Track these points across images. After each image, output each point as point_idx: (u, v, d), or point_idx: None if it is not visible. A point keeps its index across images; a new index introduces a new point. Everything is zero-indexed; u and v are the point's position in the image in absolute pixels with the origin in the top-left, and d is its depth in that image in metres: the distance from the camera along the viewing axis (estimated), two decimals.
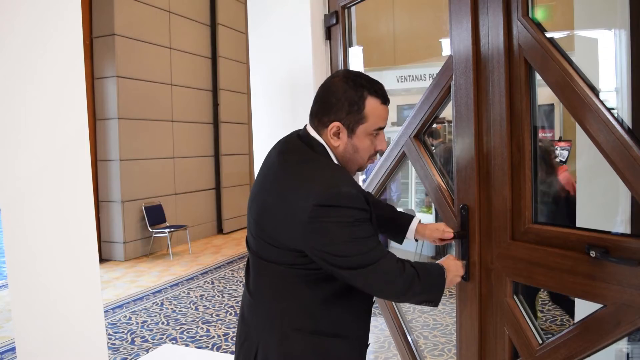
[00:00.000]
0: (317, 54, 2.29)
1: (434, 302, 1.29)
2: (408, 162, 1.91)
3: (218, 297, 5.32)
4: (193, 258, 7.25)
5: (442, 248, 5.87)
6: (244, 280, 1.44)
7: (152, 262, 7.05)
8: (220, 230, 9.27)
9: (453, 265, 1.37)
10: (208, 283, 5.89)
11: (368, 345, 1.41)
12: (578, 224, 1.98)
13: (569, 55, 1.31)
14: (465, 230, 1.56)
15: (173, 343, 4.03)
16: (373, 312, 1.47)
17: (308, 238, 1.19)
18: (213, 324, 4.45)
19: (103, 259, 6.98)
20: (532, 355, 1.40)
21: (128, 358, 3.75)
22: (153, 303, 5.13)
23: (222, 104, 9.13)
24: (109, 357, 3.70)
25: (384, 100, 1.29)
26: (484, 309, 1.55)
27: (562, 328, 1.38)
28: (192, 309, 4.91)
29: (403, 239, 1.61)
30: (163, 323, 4.52)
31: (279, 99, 2.41)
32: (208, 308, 4.94)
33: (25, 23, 1.87)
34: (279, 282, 1.29)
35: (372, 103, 1.26)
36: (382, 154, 2.02)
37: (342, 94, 1.26)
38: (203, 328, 4.36)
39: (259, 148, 2.50)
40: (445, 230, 1.56)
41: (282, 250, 1.24)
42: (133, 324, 4.51)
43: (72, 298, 2.02)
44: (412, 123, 1.85)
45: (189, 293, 5.49)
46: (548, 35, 1.33)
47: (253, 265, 1.36)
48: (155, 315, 4.74)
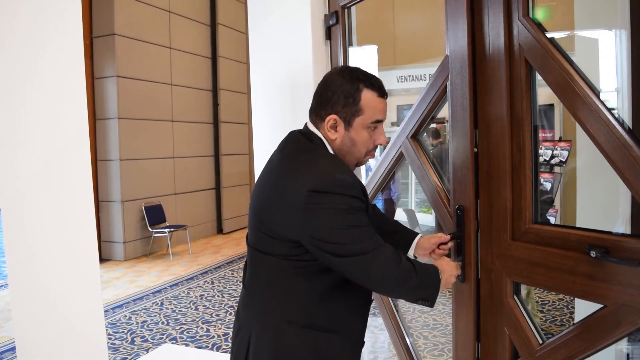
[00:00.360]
0: (317, 54, 2.29)
1: (430, 301, 1.28)
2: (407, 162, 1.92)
3: (218, 297, 5.32)
4: (193, 258, 7.25)
5: None
6: (242, 277, 1.44)
7: (152, 262, 7.05)
8: (220, 230, 9.27)
9: (447, 265, 1.36)
10: (208, 283, 5.89)
11: (363, 344, 1.39)
12: (578, 224, 1.98)
13: (570, 56, 1.31)
14: (461, 231, 1.56)
15: (173, 343, 4.04)
16: (372, 311, 1.47)
17: (302, 225, 1.19)
18: (213, 324, 4.45)
19: (103, 259, 6.98)
20: (532, 355, 1.40)
21: (128, 358, 3.75)
22: (153, 303, 5.13)
23: (222, 104, 9.13)
24: (109, 357, 3.70)
25: (381, 93, 1.29)
26: (484, 309, 1.55)
27: (562, 328, 1.38)
28: (192, 309, 4.91)
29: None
30: (163, 323, 4.52)
31: (279, 99, 2.41)
32: (208, 308, 4.94)
33: (26, 23, 1.87)
34: (274, 274, 1.30)
35: (368, 95, 1.27)
36: (383, 149, 2.03)
37: (338, 87, 1.27)
38: (203, 328, 4.36)
39: (259, 148, 2.50)
40: (442, 236, 1.53)
41: (278, 241, 1.25)
42: (133, 324, 4.51)
43: (72, 298, 2.02)
44: (409, 123, 1.85)
45: (189, 293, 5.49)
46: (548, 36, 1.33)
47: (250, 259, 1.37)
48: (155, 315, 4.74)
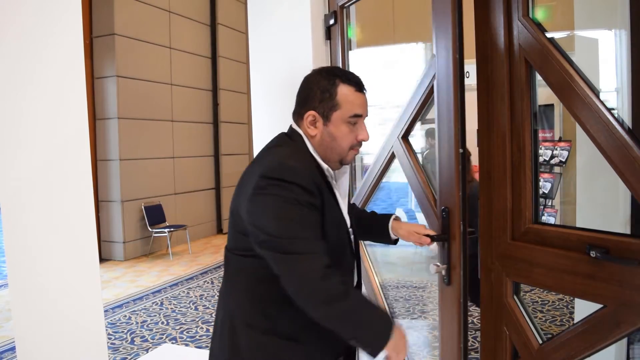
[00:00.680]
0: (317, 54, 2.29)
1: (367, 346, 1.14)
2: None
3: (217, 296, 5.32)
4: (193, 258, 7.25)
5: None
6: None
7: (151, 261, 7.04)
8: (220, 230, 9.27)
9: (399, 340, 1.17)
10: (208, 283, 5.89)
11: (340, 357, 1.33)
12: (578, 224, 1.98)
13: (569, 56, 1.31)
14: (446, 234, 1.53)
15: (173, 343, 4.04)
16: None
17: (247, 211, 1.19)
18: (212, 324, 4.45)
19: (102, 259, 6.98)
20: (532, 355, 1.40)
21: (128, 358, 3.75)
22: (153, 303, 5.13)
23: (222, 104, 9.13)
24: (109, 356, 3.70)
25: (358, 88, 1.29)
26: (484, 309, 1.55)
27: (562, 328, 1.38)
28: (191, 309, 4.91)
29: (392, 240, 1.58)
30: (163, 323, 4.52)
31: (279, 99, 2.41)
32: (208, 308, 4.94)
33: (26, 23, 1.87)
34: (237, 275, 1.31)
35: (344, 90, 1.27)
36: (377, 146, 2.01)
37: (315, 84, 1.29)
38: (203, 328, 4.36)
39: (259, 148, 2.48)
40: (423, 235, 1.51)
41: (239, 235, 1.25)
42: (133, 324, 4.51)
43: (72, 298, 2.02)
44: (400, 123, 1.85)
45: (189, 293, 5.49)
46: (548, 36, 1.33)
47: (224, 261, 1.39)
48: (155, 315, 4.74)
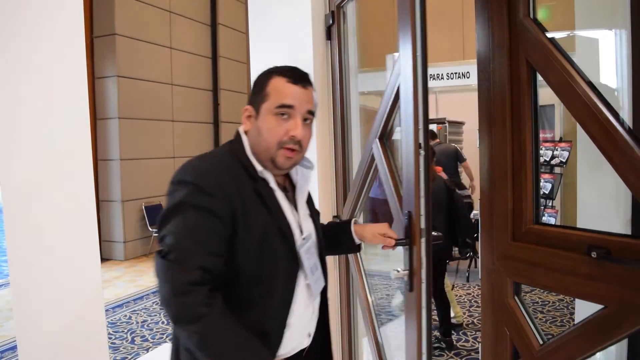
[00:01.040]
0: (317, 54, 2.29)
1: None
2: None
3: None
4: None
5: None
6: None
7: (152, 261, 7.02)
8: None
9: None
10: None
11: None
12: (579, 225, 1.98)
13: (570, 56, 1.31)
14: (408, 238, 1.47)
15: None
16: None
17: None
18: None
19: (103, 258, 6.98)
20: (533, 356, 1.40)
21: (128, 357, 3.75)
22: (153, 302, 5.13)
23: (222, 104, 9.13)
24: (109, 356, 3.70)
25: (293, 80, 1.21)
26: (485, 309, 1.55)
27: (562, 329, 1.38)
28: None
29: (356, 246, 1.53)
30: (163, 322, 4.52)
31: None
32: None
33: (28, 23, 1.87)
34: None
35: (276, 81, 1.21)
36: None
37: (254, 82, 1.26)
38: None
39: None
40: (387, 238, 1.45)
41: None
42: (133, 324, 4.51)
43: (73, 297, 2.02)
44: (377, 124, 1.83)
45: None
46: (549, 36, 1.33)
47: None
48: (155, 315, 4.74)
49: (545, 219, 3.81)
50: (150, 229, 7.30)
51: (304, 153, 1.26)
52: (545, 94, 1.43)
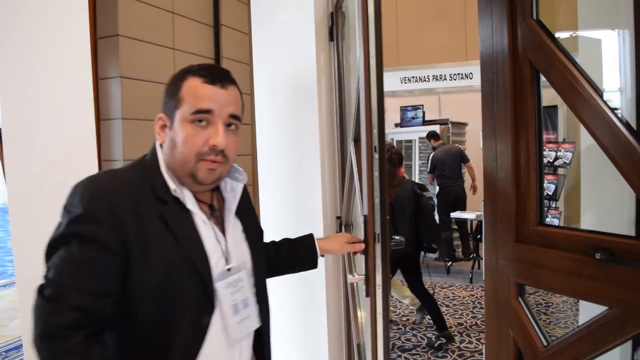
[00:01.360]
0: (320, 55, 2.29)
1: None
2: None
3: None
4: None
5: (445, 248, 5.86)
6: None
7: None
8: None
9: None
10: None
11: None
12: (582, 226, 1.97)
13: (573, 57, 1.31)
14: (365, 243, 1.43)
15: None
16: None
17: None
18: None
19: None
20: (536, 358, 1.40)
21: None
22: None
23: None
24: None
25: (210, 80, 1.02)
26: (489, 311, 1.55)
27: (566, 330, 1.38)
28: None
29: (315, 263, 1.42)
30: None
31: (283, 100, 2.41)
32: None
33: (33, 25, 1.88)
34: None
35: (190, 82, 1.02)
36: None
37: (167, 84, 1.08)
38: None
39: (262, 149, 2.50)
40: (356, 244, 1.41)
41: None
42: None
43: None
44: (351, 126, 1.84)
45: None
46: (552, 37, 1.33)
47: None
48: None
49: (549, 220, 3.81)
50: None
51: (231, 164, 1.08)
52: (549, 95, 1.43)
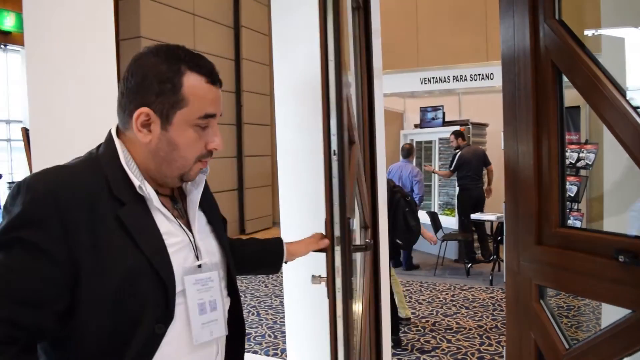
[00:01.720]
0: None
1: None
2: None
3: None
4: None
5: (465, 250, 5.81)
6: None
7: None
8: (243, 231, 9.35)
9: None
10: None
11: None
12: (605, 228, 1.94)
13: (596, 56, 1.29)
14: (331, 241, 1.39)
15: None
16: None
17: None
18: None
19: None
20: None
21: None
22: None
23: (245, 106, 9.22)
24: None
25: (212, 79, 0.96)
26: (509, 313, 1.54)
27: (588, 334, 1.36)
28: None
29: (279, 268, 1.39)
30: None
31: (302, 101, 2.43)
32: None
33: (61, 28, 1.92)
34: None
35: (192, 81, 0.93)
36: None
37: (150, 69, 0.92)
38: None
39: (282, 149, 2.52)
40: (320, 241, 1.38)
41: None
42: None
43: None
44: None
45: None
46: (575, 37, 1.32)
47: None
48: None
49: (571, 222, 3.75)
50: None
51: None
52: (571, 95, 1.41)
